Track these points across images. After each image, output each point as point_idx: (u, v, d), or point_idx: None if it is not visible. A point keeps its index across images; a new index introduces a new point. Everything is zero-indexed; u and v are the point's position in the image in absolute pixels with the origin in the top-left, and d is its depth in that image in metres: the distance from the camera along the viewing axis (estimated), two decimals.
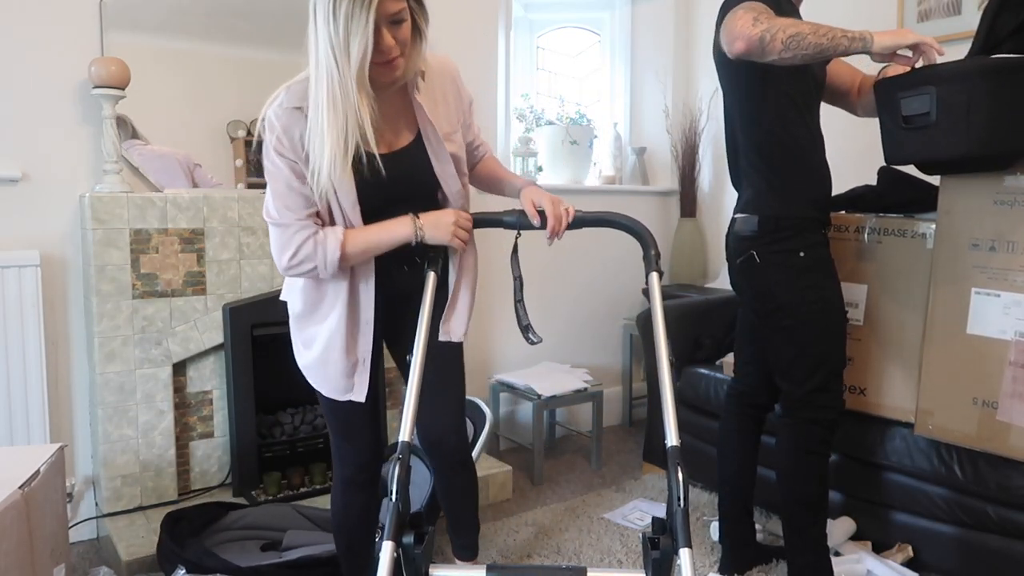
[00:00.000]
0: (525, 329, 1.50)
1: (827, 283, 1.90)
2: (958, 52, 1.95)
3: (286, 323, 1.60)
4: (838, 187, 2.38)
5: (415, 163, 1.50)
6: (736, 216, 1.97)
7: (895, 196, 2.17)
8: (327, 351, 1.52)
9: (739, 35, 1.65)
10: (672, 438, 1.22)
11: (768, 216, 1.88)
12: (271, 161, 1.40)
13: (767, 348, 1.98)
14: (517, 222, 1.55)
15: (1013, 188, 1.82)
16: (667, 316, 1.42)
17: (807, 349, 1.88)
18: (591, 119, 3.77)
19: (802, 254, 1.87)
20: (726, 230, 2.03)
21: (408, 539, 1.15)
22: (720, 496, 2.16)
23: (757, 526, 2.28)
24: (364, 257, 1.46)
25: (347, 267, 1.46)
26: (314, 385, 1.58)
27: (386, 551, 1.13)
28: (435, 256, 1.52)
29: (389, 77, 1.37)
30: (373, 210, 1.46)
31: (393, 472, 1.19)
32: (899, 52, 1.69)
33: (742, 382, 2.15)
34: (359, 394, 1.54)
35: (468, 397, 2.55)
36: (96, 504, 2.35)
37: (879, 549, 2.17)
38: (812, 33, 1.64)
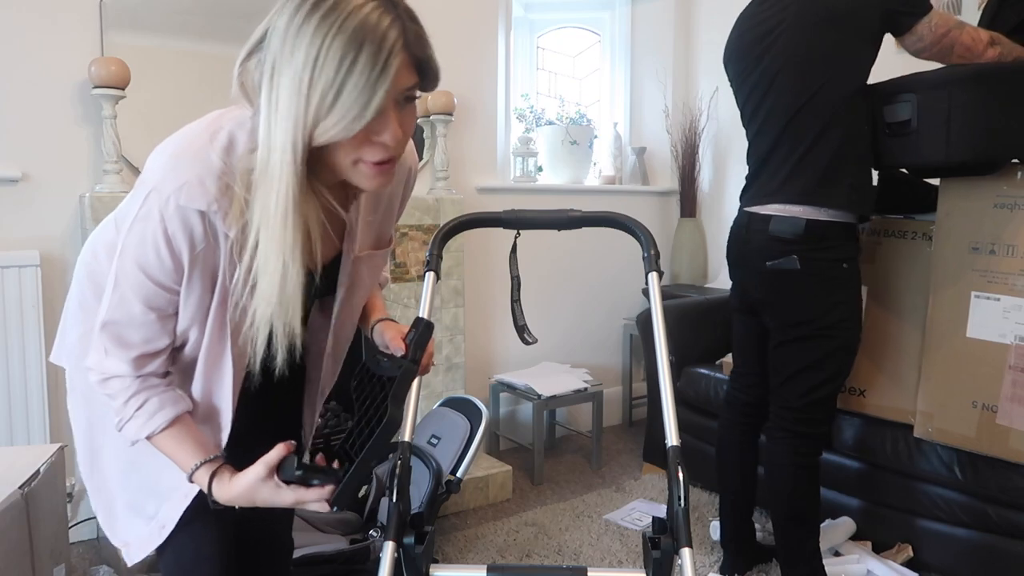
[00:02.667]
0: (521, 329, 1.50)
1: (857, 299, 1.86)
2: None
3: None
4: None
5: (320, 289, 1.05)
6: (772, 214, 1.81)
7: (895, 197, 2.17)
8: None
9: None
10: (672, 438, 1.22)
11: (820, 221, 1.76)
12: (132, 266, 0.92)
13: (775, 354, 1.90)
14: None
15: (1013, 191, 1.82)
16: (667, 316, 1.42)
17: (821, 363, 1.83)
18: (591, 119, 3.77)
19: (845, 265, 1.80)
20: (744, 224, 1.89)
21: (409, 539, 1.15)
22: (721, 500, 2.16)
23: (756, 526, 2.28)
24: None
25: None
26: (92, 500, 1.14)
27: (387, 551, 1.13)
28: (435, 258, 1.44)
29: (376, 183, 0.90)
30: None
31: (393, 472, 1.19)
32: None
33: (745, 391, 2.08)
34: (135, 552, 1.09)
35: (465, 395, 2.56)
36: None
37: (879, 549, 2.17)
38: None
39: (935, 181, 2.02)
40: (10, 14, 2.17)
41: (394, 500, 1.16)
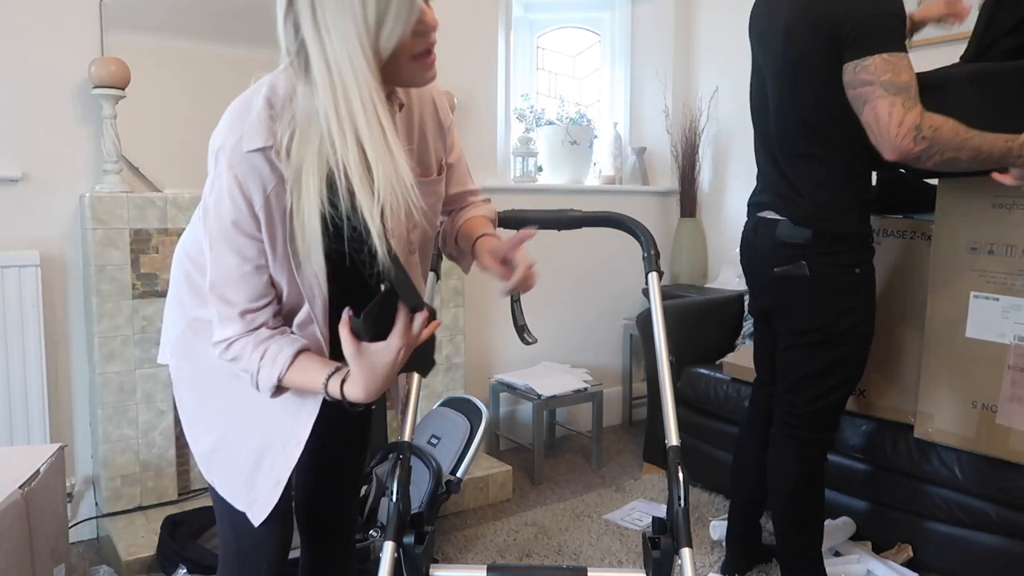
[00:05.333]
0: (520, 329, 1.50)
1: (869, 306, 1.80)
2: (958, 53, 1.95)
3: None
4: None
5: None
6: (779, 219, 1.76)
7: (895, 196, 2.17)
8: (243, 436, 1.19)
9: (894, 146, 1.52)
10: (672, 438, 1.22)
11: (827, 230, 1.71)
12: (217, 224, 1.01)
13: (783, 358, 1.86)
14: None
15: (1011, 191, 1.81)
16: (667, 316, 1.42)
17: (830, 370, 1.78)
18: (591, 119, 3.77)
19: (857, 271, 1.74)
20: (752, 229, 1.85)
21: (408, 539, 1.15)
22: (732, 502, 2.13)
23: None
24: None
25: None
26: (208, 475, 1.22)
27: (387, 551, 1.13)
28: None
29: (432, 72, 1.02)
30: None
31: (393, 472, 1.19)
32: None
33: (769, 399, 2.02)
34: (259, 512, 1.18)
35: (465, 395, 2.56)
36: (96, 504, 2.35)
37: (879, 549, 2.17)
38: (969, 160, 1.55)
39: (934, 181, 2.02)
40: (10, 14, 2.17)
41: (394, 500, 1.16)
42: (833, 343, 1.77)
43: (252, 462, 1.18)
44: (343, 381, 1.03)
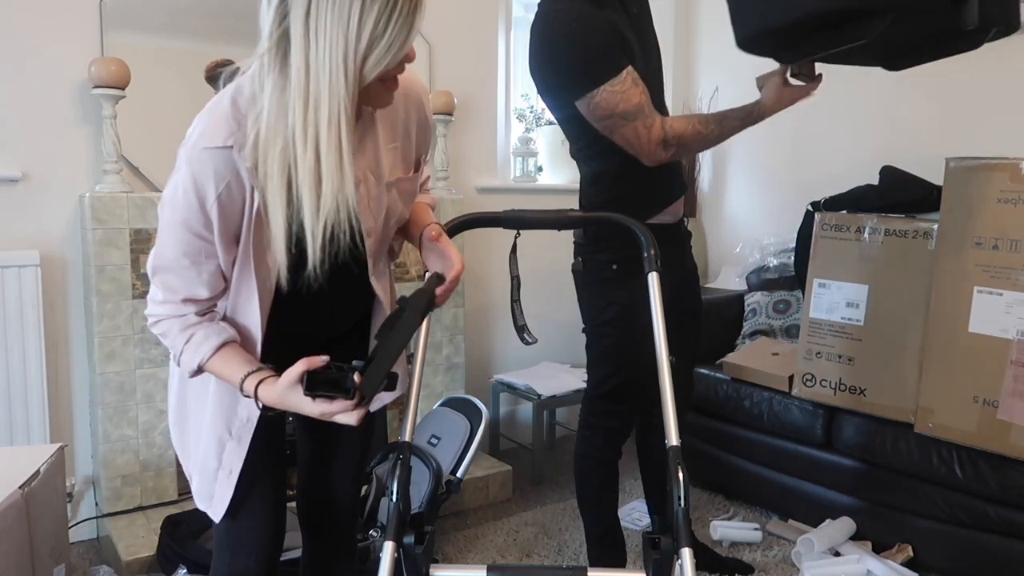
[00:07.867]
0: (520, 329, 1.50)
1: (630, 303, 1.77)
2: None
3: None
4: (841, 186, 2.39)
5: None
6: None
7: (897, 196, 2.17)
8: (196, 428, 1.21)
9: (651, 159, 1.68)
10: (672, 438, 1.22)
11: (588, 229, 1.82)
12: (169, 215, 1.03)
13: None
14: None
15: (1017, 186, 1.82)
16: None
17: (600, 359, 1.89)
18: None
19: (614, 267, 1.79)
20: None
21: (408, 539, 1.15)
22: None
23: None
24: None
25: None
26: (187, 471, 1.24)
27: (387, 551, 1.13)
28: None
29: (387, 99, 1.04)
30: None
31: (393, 472, 1.19)
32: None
33: None
34: (217, 508, 1.20)
35: (465, 395, 2.56)
36: (96, 504, 2.35)
37: (879, 549, 2.17)
38: (718, 141, 1.71)
39: (939, 181, 2.02)
40: (10, 14, 2.17)
41: (394, 500, 1.16)
42: (600, 334, 1.87)
43: (213, 459, 1.19)
44: (260, 383, 1.04)
